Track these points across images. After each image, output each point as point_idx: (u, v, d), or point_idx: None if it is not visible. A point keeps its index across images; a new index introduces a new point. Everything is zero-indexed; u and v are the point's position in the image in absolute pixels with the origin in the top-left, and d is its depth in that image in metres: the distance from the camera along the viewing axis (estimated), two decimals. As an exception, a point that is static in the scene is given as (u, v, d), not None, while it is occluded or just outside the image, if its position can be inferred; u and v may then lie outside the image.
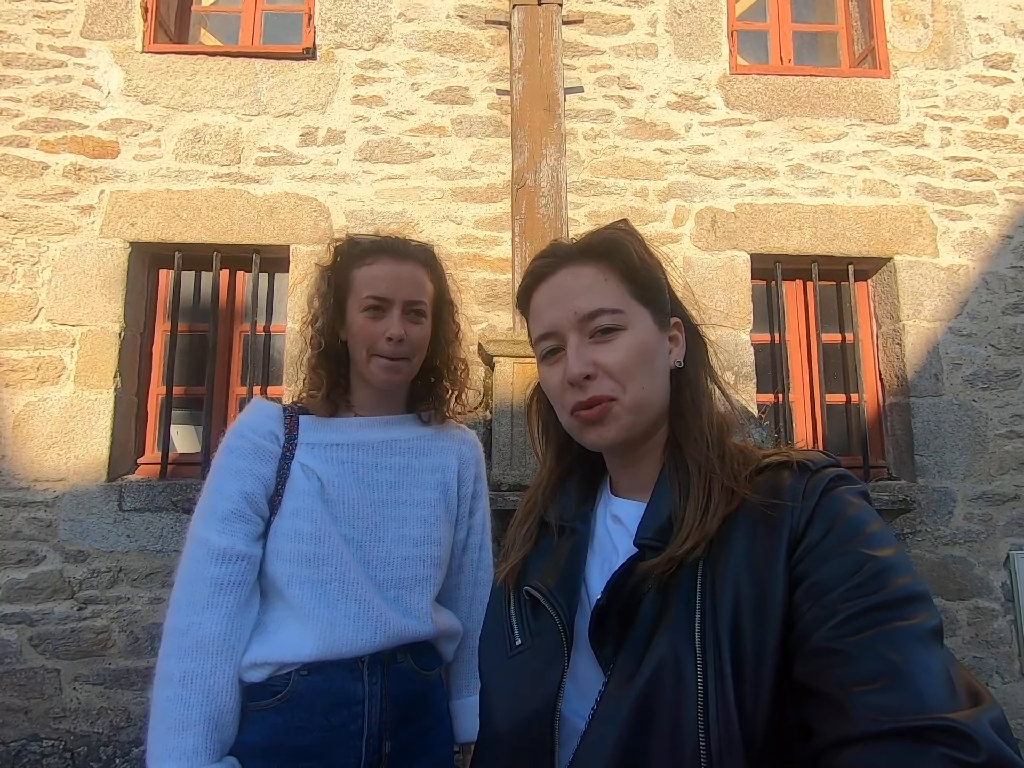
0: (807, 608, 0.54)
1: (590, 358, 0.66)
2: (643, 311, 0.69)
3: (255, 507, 1.01)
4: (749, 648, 0.55)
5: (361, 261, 1.07)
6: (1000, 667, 3.06)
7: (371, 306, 1.05)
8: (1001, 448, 3.19)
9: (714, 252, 3.28)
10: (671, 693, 0.56)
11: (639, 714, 0.56)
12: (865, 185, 3.36)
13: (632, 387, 0.66)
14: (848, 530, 0.56)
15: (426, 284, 1.10)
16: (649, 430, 0.69)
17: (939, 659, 0.49)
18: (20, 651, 2.77)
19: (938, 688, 0.47)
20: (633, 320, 0.68)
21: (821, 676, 0.50)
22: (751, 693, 0.54)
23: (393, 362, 1.05)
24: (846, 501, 0.59)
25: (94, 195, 3.08)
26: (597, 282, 0.68)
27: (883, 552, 0.54)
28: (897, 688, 0.47)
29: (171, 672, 0.93)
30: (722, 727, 0.53)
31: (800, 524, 0.58)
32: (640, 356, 0.66)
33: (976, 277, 3.31)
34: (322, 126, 3.22)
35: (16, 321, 2.97)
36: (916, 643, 0.49)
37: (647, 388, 0.67)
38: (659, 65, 3.39)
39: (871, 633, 0.50)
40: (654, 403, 0.68)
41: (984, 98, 3.45)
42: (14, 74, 3.13)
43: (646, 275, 0.70)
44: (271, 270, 3.27)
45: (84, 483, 2.87)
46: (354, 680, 0.99)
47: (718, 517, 0.61)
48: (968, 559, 3.11)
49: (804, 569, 0.56)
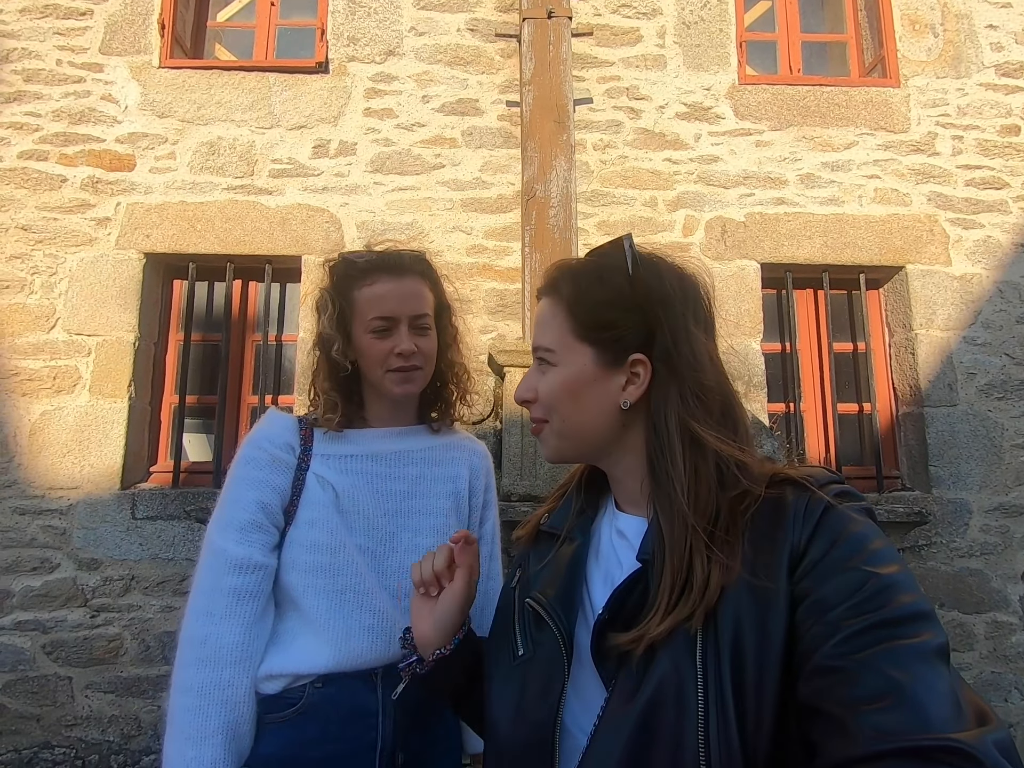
0: (809, 626, 0.53)
1: (533, 384, 0.72)
2: (584, 349, 0.69)
3: (271, 517, 1.01)
4: (750, 667, 0.54)
5: (360, 282, 1.07)
6: (1019, 682, 3.00)
7: (378, 328, 1.05)
8: (1017, 459, 3.14)
9: (724, 262, 3.27)
10: (672, 714, 0.55)
11: (641, 734, 0.56)
12: (876, 194, 3.35)
13: (554, 417, 0.70)
14: (850, 547, 0.56)
15: (427, 296, 1.10)
16: (588, 456, 0.73)
17: (944, 678, 0.48)
18: (33, 658, 2.79)
19: (943, 708, 0.46)
20: (565, 359, 0.70)
21: (824, 695, 0.50)
22: (752, 713, 0.53)
23: (407, 373, 1.06)
24: (848, 518, 0.58)
25: (111, 207, 3.13)
26: (547, 318, 0.72)
27: (886, 569, 0.54)
28: (901, 707, 0.46)
29: (189, 682, 0.93)
30: (723, 747, 0.53)
31: (802, 541, 0.57)
32: (561, 392, 0.69)
33: (990, 286, 3.28)
34: (334, 138, 3.26)
35: (33, 331, 3.01)
36: (921, 662, 0.48)
37: (568, 421, 0.70)
38: (668, 76, 3.41)
39: (874, 651, 0.49)
40: (583, 435, 0.70)
41: (996, 106, 3.44)
42: (34, 89, 3.20)
43: (591, 315, 0.68)
44: (283, 280, 3.31)
45: (98, 491, 2.90)
46: (368, 692, 0.99)
47: (715, 590, 0.58)
48: (985, 572, 3.07)
49: (806, 587, 0.55)
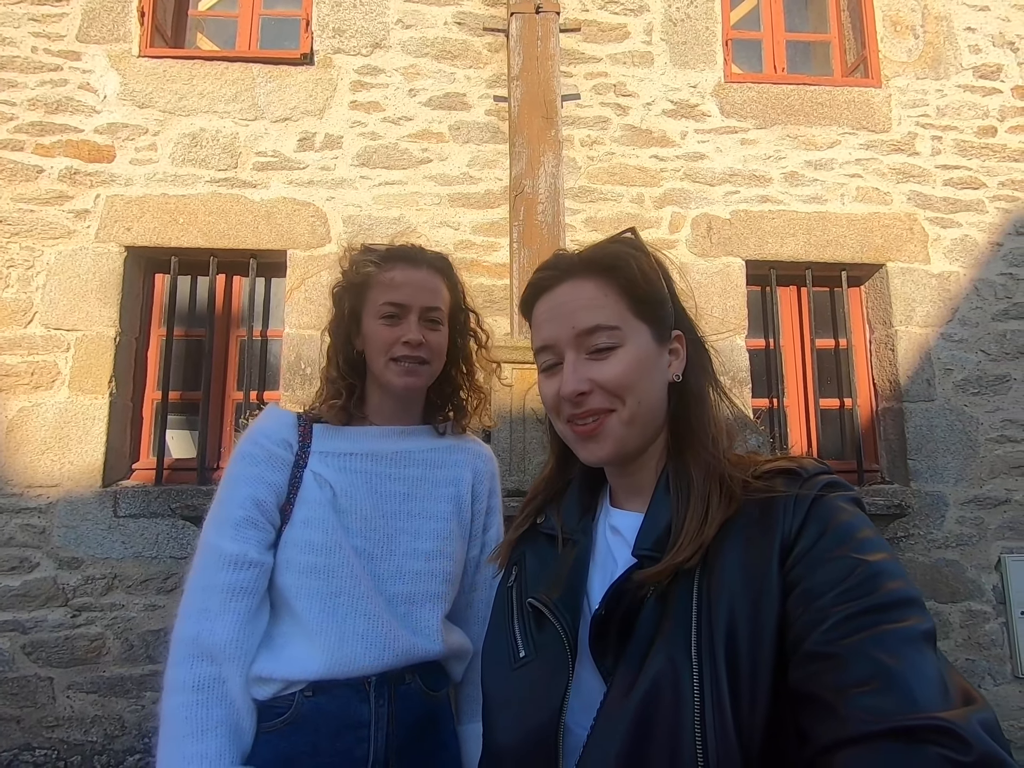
0: (799, 614, 0.54)
1: (585, 375, 0.66)
2: (642, 327, 0.69)
3: (267, 515, 0.98)
4: (745, 657, 0.55)
5: (377, 268, 1.06)
6: (992, 669, 3.09)
7: (388, 313, 1.03)
8: (992, 452, 3.23)
9: (710, 258, 3.30)
10: (668, 705, 0.56)
11: (638, 726, 0.57)
12: (858, 193, 3.40)
13: (629, 401, 0.66)
14: (839, 536, 0.57)
15: (442, 291, 1.08)
16: (643, 444, 0.70)
17: (931, 661, 0.49)
18: (13, 659, 2.74)
19: (930, 689, 0.47)
20: (630, 337, 0.67)
21: (814, 680, 0.51)
22: (747, 702, 0.54)
23: (411, 365, 1.03)
24: (837, 507, 0.59)
25: (90, 199, 3.07)
26: (596, 298, 0.68)
27: (874, 557, 0.55)
28: (890, 689, 0.47)
29: (183, 679, 0.90)
30: (719, 738, 0.53)
31: (792, 531, 0.59)
32: (636, 371, 0.67)
33: (967, 284, 3.36)
34: (320, 131, 3.22)
35: (10, 326, 2.94)
36: (908, 645, 0.49)
37: (643, 402, 0.67)
38: (655, 73, 3.42)
39: (863, 636, 0.50)
40: (650, 417, 0.69)
41: (974, 108, 3.51)
42: (9, 77, 3.11)
43: (647, 291, 0.69)
44: (268, 275, 3.26)
45: (79, 489, 2.85)
46: (360, 702, 0.96)
47: (716, 524, 0.61)
48: (960, 562, 3.15)
49: (796, 575, 0.56)
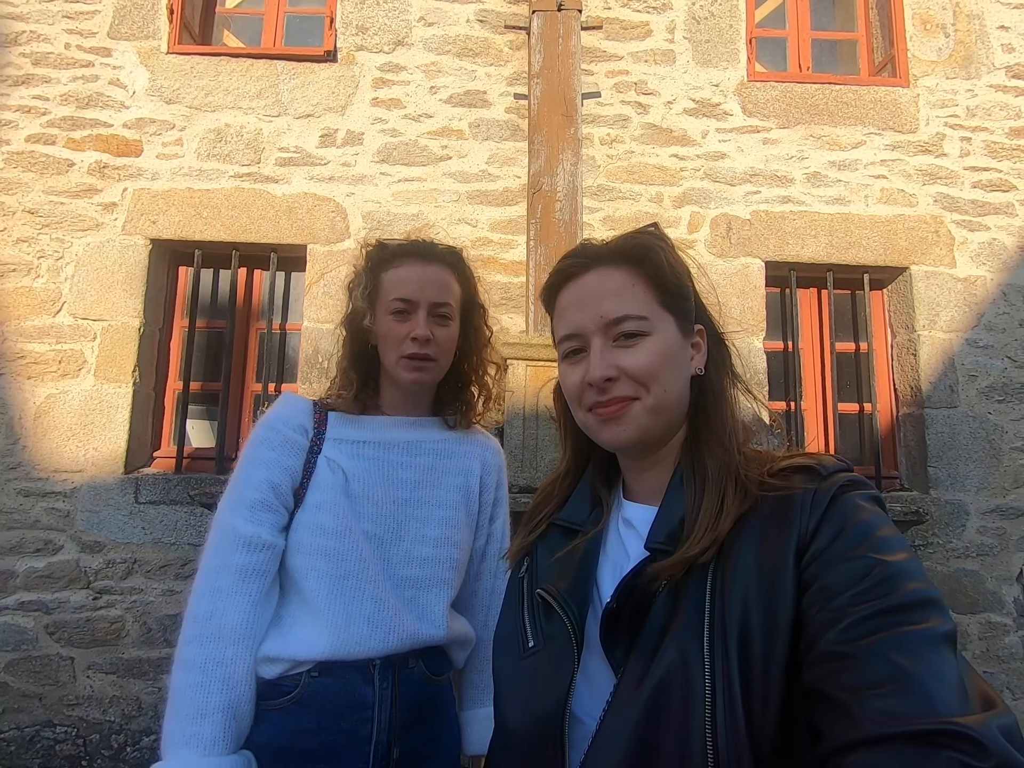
0: (815, 612, 0.53)
1: (613, 362, 0.67)
2: (668, 318, 0.70)
3: (281, 498, 1.01)
4: (757, 653, 0.55)
5: (388, 264, 1.08)
6: (1011, 683, 3.02)
7: (397, 309, 1.05)
8: (1016, 462, 3.15)
9: (728, 259, 3.27)
10: (679, 698, 0.56)
11: (649, 719, 0.57)
12: (882, 194, 3.34)
13: (654, 389, 0.67)
14: (857, 535, 0.56)
15: (452, 286, 1.10)
16: (664, 435, 0.70)
17: (950, 664, 0.48)
18: (36, 638, 2.83)
19: (949, 693, 0.46)
20: (657, 326, 0.68)
21: (829, 680, 0.50)
22: (759, 698, 0.54)
23: (419, 362, 1.05)
24: (856, 506, 0.58)
25: (117, 192, 3.14)
26: (625, 287, 0.69)
27: (893, 557, 0.54)
28: (906, 692, 0.46)
29: (191, 658, 0.93)
30: (729, 733, 0.53)
31: (809, 528, 0.58)
32: (663, 361, 0.67)
33: (994, 288, 3.28)
34: (341, 128, 3.26)
35: (39, 315, 3.03)
36: (926, 647, 0.48)
37: (668, 392, 0.68)
38: (677, 71, 3.40)
39: (880, 637, 0.49)
40: (673, 407, 0.69)
41: (1005, 108, 3.42)
42: (42, 73, 3.20)
43: (674, 282, 0.71)
44: (288, 269, 3.31)
45: (101, 475, 2.93)
46: (365, 684, 0.98)
47: (731, 518, 0.61)
48: (980, 573, 3.08)
49: (813, 573, 0.55)
